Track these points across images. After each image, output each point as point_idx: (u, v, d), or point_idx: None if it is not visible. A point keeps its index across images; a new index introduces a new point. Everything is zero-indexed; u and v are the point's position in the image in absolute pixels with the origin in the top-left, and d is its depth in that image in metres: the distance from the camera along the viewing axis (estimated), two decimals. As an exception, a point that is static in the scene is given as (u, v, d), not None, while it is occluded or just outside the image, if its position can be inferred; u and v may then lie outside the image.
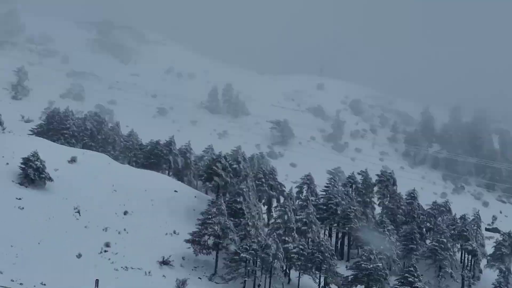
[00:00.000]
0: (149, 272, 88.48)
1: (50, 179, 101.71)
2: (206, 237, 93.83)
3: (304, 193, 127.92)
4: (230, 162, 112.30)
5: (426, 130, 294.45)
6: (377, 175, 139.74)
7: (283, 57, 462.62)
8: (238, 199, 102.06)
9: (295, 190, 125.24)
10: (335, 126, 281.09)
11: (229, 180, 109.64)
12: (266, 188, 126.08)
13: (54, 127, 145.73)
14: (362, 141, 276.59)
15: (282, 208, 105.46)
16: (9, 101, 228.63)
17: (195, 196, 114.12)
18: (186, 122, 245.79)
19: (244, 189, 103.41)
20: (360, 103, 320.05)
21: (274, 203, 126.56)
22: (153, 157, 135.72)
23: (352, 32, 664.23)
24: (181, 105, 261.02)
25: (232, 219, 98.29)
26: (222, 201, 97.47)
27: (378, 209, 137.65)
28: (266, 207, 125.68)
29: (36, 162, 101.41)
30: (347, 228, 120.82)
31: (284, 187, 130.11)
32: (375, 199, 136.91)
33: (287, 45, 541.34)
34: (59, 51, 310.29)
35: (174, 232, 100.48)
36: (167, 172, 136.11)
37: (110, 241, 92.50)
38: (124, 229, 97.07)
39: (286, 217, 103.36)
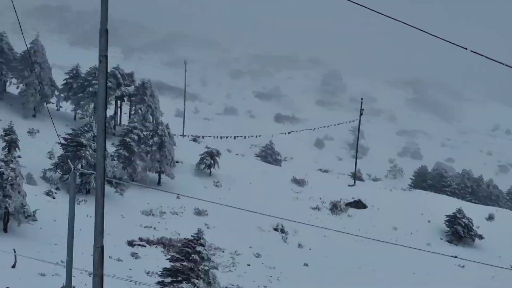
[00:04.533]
0: None
1: (480, 236, 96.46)
2: None
3: None
4: None
5: None
6: None
7: None
8: None
9: None
10: None
11: None
12: None
13: (434, 184, 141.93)
14: None
15: None
16: (351, 160, 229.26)
17: None
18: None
19: None
20: None
21: None
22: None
23: None
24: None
25: None
26: None
27: None
28: None
29: (464, 220, 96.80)
30: None
31: None
32: None
33: None
34: (383, 110, 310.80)
35: None
36: None
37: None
38: None
39: None
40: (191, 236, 56.38)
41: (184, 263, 52.78)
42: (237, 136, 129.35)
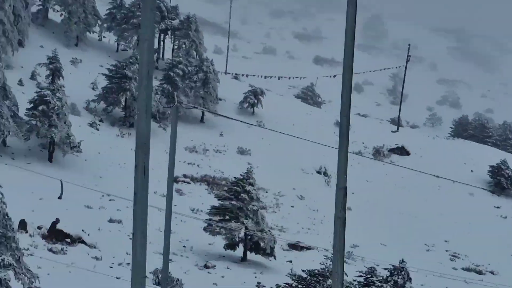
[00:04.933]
0: None
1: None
2: None
3: None
4: None
5: None
6: None
7: None
8: None
9: None
10: None
11: None
12: None
13: (475, 134, 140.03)
14: None
15: None
16: (389, 106, 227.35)
17: None
18: None
19: None
20: None
21: None
22: None
23: None
24: None
25: None
26: None
27: None
28: None
29: (507, 171, 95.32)
30: None
31: None
32: None
33: None
34: (424, 58, 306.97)
35: None
36: None
37: None
38: None
39: None
40: (240, 175, 55.66)
41: (233, 202, 52.13)
42: (282, 77, 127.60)
